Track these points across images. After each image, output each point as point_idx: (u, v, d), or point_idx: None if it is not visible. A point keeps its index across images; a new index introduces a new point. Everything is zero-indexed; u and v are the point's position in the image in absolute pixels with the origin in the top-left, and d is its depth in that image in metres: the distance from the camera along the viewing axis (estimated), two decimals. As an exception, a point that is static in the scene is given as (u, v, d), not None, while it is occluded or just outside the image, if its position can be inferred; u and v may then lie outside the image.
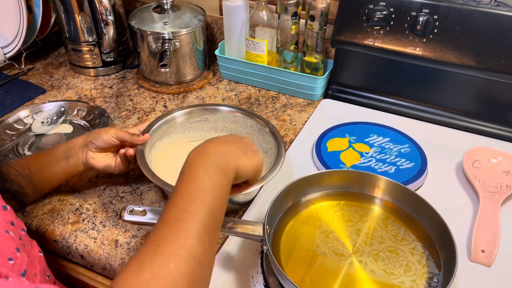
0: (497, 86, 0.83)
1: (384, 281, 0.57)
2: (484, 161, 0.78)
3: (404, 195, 0.67)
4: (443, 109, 0.91)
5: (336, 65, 0.96)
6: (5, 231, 0.47)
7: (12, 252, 0.46)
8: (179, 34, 0.95)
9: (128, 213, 0.58)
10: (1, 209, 0.49)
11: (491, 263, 0.63)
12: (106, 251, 0.65)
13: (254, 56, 0.98)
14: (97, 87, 1.04)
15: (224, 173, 0.48)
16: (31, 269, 0.50)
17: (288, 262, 0.60)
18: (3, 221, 0.48)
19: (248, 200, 0.72)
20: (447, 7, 0.80)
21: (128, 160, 0.71)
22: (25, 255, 0.48)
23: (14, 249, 0.46)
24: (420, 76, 0.89)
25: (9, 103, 0.97)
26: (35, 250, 0.56)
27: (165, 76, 1.01)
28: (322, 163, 0.79)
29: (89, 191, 0.75)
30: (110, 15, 0.97)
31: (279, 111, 0.95)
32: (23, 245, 0.50)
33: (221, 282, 0.61)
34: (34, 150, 0.84)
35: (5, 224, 0.49)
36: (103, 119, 0.90)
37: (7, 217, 0.50)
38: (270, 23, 0.94)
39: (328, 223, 0.65)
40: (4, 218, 0.49)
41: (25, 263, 0.47)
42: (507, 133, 0.86)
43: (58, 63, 1.14)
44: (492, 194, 0.72)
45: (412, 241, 0.62)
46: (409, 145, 0.83)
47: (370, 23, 0.86)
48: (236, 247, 0.65)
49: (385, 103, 0.95)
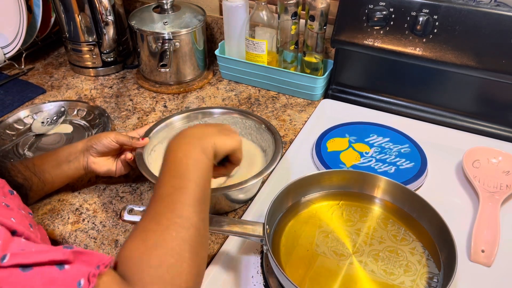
0: (497, 86, 0.83)
1: (384, 281, 0.57)
2: (484, 161, 0.78)
3: (404, 195, 0.67)
4: (443, 109, 0.91)
5: (336, 65, 0.96)
6: (18, 208, 0.48)
7: (27, 227, 0.47)
8: (179, 34, 0.95)
9: (128, 213, 0.58)
10: (8, 193, 0.51)
11: (491, 263, 0.63)
12: (106, 251, 0.65)
13: (254, 56, 0.98)
14: (97, 87, 1.04)
15: (203, 150, 0.51)
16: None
17: (288, 262, 0.60)
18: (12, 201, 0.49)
19: (247, 199, 0.72)
20: (447, 7, 0.80)
21: (129, 164, 0.72)
22: (37, 232, 0.50)
23: (27, 224, 0.47)
24: (420, 76, 0.89)
25: (9, 103, 0.97)
26: (43, 231, 0.58)
27: (165, 76, 1.01)
28: (322, 163, 0.79)
29: (89, 191, 0.75)
30: (110, 15, 0.97)
31: (279, 111, 0.95)
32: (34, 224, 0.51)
33: (221, 282, 0.61)
34: (34, 150, 0.84)
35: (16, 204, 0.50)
36: (103, 119, 0.90)
37: (15, 201, 0.51)
38: (270, 23, 0.94)
39: (328, 223, 0.65)
40: (13, 200, 0.50)
41: (39, 238, 0.49)
42: (507, 133, 0.86)
43: (58, 63, 1.14)
44: (492, 194, 0.72)
45: (412, 241, 0.62)
46: (409, 145, 0.83)
47: (370, 23, 0.86)
48: (236, 247, 0.65)
49: (385, 103, 0.95)
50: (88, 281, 0.36)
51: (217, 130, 0.56)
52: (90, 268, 0.37)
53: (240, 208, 0.72)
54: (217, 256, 0.63)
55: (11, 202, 0.48)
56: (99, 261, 0.38)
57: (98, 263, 0.37)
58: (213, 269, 0.61)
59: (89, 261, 0.37)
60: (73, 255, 0.37)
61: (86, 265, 0.37)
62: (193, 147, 0.51)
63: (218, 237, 0.67)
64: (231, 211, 0.72)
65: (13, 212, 0.46)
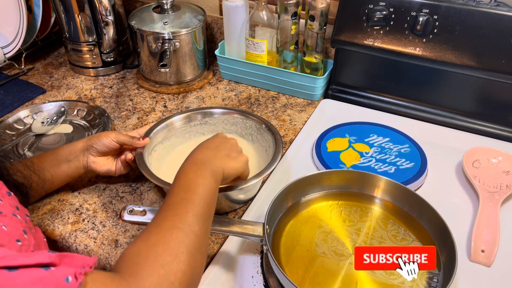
0: (497, 86, 0.83)
1: (384, 281, 0.57)
2: (484, 161, 0.78)
3: (404, 195, 0.67)
4: (443, 109, 0.91)
5: (336, 65, 0.96)
6: (12, 214, 0.48)
7: (20, 234, 0.47)
8: (179, 34, 0.95)
9: (128, 213, 0.58)
10: (6, 195, 0.51)
11: (491, 263, 0.63)
12: (106, 251, 0.65)
13: (254, 56, 0.98)
14: (97, 87, 1.04)
15: (212, 175, 0.54)
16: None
17: (288, 262, 0.60)
18: (8, 205, 0.49)
19: (248, 199, 0.72)
20: (447, 7, 0.80)
21: (129, 164, 0.73)
22: (32, 237, 0.50)
23: (21, 231, 0.47)
24: (420, 76, 0.89)
25: (9, 103, 0.97)
26: (40, 234, 0.58)
27: (165, 76, 1.01)
28: (322, 163, 0.79)
29: (89, 191, 0.75)
30: (110, 15, 0.97)
31: (279, 111, 0.95)
32: (29, 229, 0.51)
33: (221, 282, 0.61)
34: (34, 150, 0.84)
35: (11, 208, 0.50)
36: (103, 119, 0.90)
37: (12, 202, 0.51)
38: (270, 23, 0.94)
39: (328, 223, 0.65)
40: (9, 203, 0.50)
41: (32, 245, 0.49)
42: (507, 133, 0.86)
43: (58, 63, 1.14)
44: (492, 194, 0.72)
45: (412, 241, 0.62)
46: (409, 145, 0.83)
47: (370, 23, 0.86)
48: (236, 247, 0.65)
49: (385, 103, 0.95)
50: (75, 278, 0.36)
51: (226, 154, 0.58)
52: (76, 268, 0.37)
53: (240, 208, 0.72)
54: (217, 256, 0.63)
55: (5, 208, 0.48)
56: (84, 262, 0.39)
57: (83, 265, 0.38)
58: (213, 269, 0.61)
59: (74, 263, 0.38)
60: (58, 258, 0.38)
61: (71, 266, 0.38)
62: (204, 171, 0.54)
63: (218, 237, 0.67)
64: (231, 211, 0.72)
65: (6, 218, 0.46)
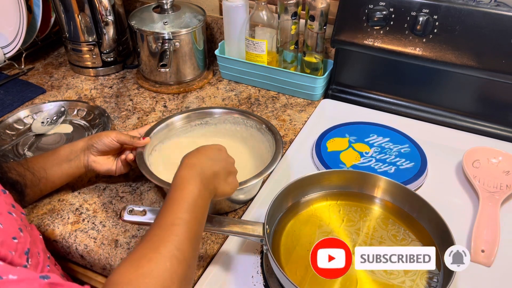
0: (497, 86, 0.83)
1: (384, 281, 0.57)
2: (484, 161, 0.78)
3: (404, 195, 0.67)
4: (443, 109, 0.91)
5: (336, 65, 0.96)
6: (7, 212, 0.48)
7: (16, 232, 0.47)
8: (179, 34, 0.95)
9: (128, 213, 0.58)
10: (1, 193, 0.51)
11: (491, 263, 0.63)
12: (106, 251, 0.65)
13: (254, 56, 0.98)
14: (97, 87, 1.04)
15: (206, 188, 0.53)
16: (34, 248, 0.51)
17: (288, 262, 0.60)
18: (4, 203, 0.49)
19: (248, 199, 0.72)
20: (447, 7, 0.80)
21: (129, 163, 0.73)
22: (27, 235, 0.50)
23: (17, 229, 0.47)
24: (420, 76, 0.89)
25: (9, 103, 0.96)
26: (36, 232, 0.58)
27: (165, 76, 1.01)
28: (322, 163, 0.79)
29: (89, 191, 0.75)
30: (110, 15, 0.97)
31: (279, 111, 0.95)
32: (24, 226, 0.51)
33: (221, 282, 0.61)
34: (34, 150, 0.84)
35: (7, 205, 0.50)
36: (103, 119, 0.90)
37: (7, 200, 0.51)
38: (270, 23, 0.94)
39: (328, 223, 0.65)
40: (5, 200, 0.50)
41: (28, 242, 0.49)
42: (507, 133, 0.86)
43: (58, 63, 1.14)
44: (492, 194, 0.72)
45: (412, 241, 0.62)
46: (409, 145, 0.83)
47: (370, 23, 0.86)
48: (236, 247, 0.65)
49: (385, 103, 0.95)
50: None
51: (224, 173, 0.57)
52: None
53: (240, 208, 0.72)
54: (217, 256, 0.63)
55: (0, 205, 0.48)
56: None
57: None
58: (213, 269, 0.61)
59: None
60: (48, 286, 0.36)
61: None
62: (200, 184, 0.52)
63: (218, 237, 0.67)
64: (231, 211, 0.71)
65: (1, 216, 0.46)
